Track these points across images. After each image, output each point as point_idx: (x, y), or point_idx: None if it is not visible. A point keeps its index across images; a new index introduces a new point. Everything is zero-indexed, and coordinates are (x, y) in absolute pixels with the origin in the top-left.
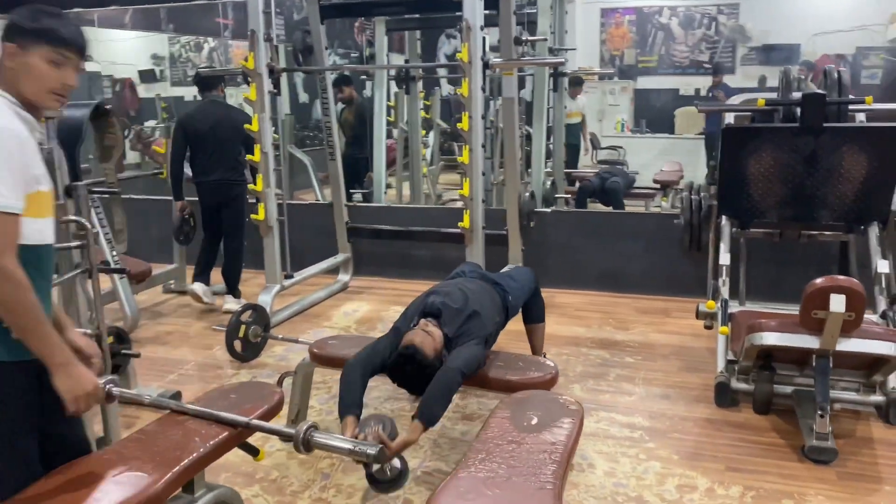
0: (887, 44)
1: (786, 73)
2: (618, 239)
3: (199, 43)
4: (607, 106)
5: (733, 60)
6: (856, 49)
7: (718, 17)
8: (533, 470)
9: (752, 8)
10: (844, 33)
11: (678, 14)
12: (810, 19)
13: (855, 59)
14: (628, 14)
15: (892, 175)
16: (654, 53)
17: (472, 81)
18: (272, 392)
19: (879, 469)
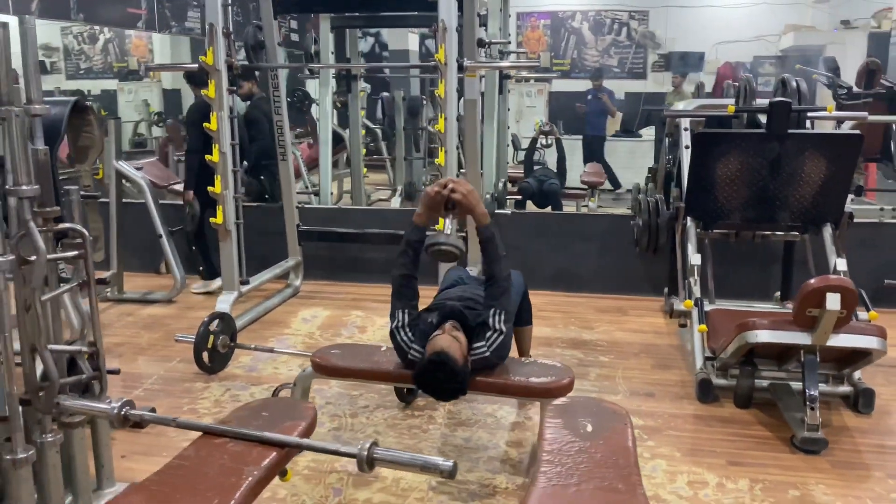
0: (779, 53)
1: (748, 81)
2: (572, 240)
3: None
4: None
5: (644, 66)
6: (753, 58)
7: (630, 22)
8: (615, 478)
9: (662, 15)
10: (744, 43)
11: (589, 19)
12: (713, 29)
13: (753, 67)
14: (543, 18)
15: (847, 179)
16: (568, 57)
17: (447, 83)
18: (305, 408)
19: (864, 456)
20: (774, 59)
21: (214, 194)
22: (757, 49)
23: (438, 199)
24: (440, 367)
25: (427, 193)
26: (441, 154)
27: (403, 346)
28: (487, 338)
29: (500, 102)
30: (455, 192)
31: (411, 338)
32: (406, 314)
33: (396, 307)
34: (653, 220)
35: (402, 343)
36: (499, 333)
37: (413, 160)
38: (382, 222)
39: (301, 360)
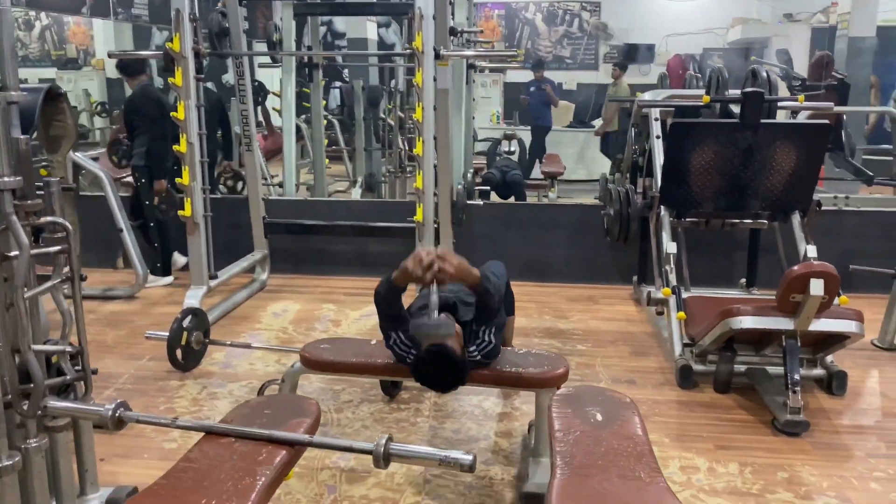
0: (727, 45)
1: (719, 72)
2: (542, 230)
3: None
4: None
5: (596, 57)
6: (703, 50)
7: (582, 13)
8: (633, 466)
9: (613, 7)
10: (693, 35)
11: (542, 10)
12: (664, 21)
13: (702, 59)
14: (497, 9)
15: (816, 167)
16: (522, 47)
17: (425, 71)
18: (308, 404)
19: (843, 437)
20: (722, 52)
21: (182, 186)
22: (706, 41)
23: (416, 279)
24: (439, 357)
25: (409, 271)
26: (419, 144)
27: (402, 354)
28: (478, 344)
29: (466, 93)
30: (442, 273)
31: (409, 345)
32: (402, 333)
33: (389, 329)
34: (624, 209)
35: (401, 352)
36: (488, 343)
37: (373, 151)
38: (350, 214)
39: (278, 356)
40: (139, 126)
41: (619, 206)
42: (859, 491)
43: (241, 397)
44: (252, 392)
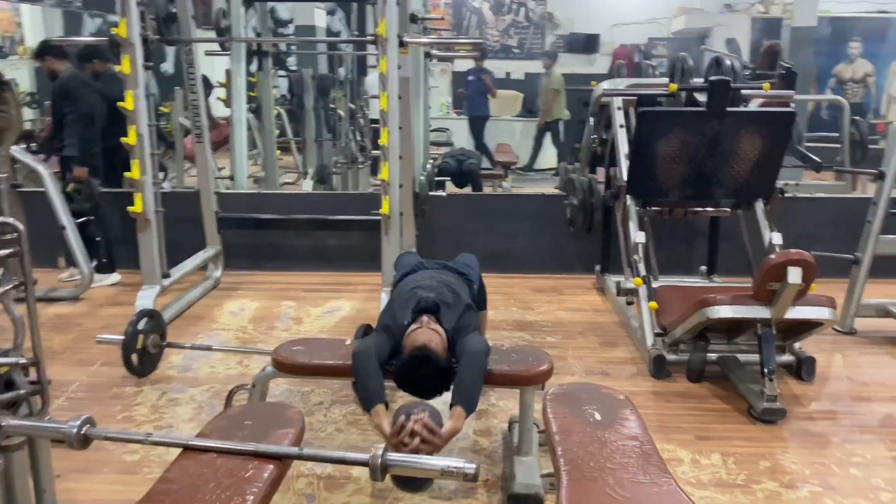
0: (671, 35)
1: (682, 60)
2: (504, 220)
3: None
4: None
5: (543, 47)
6: (647, 39)
7: (528, 3)
8: (641, 467)
9: None
10: (638, 25)
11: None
12: (609, 10)
13: (647, 49)
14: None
15: (780, 155)
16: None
17: (389, 58)
18: (291, 412)
19: (818, 423)
20: (667, 41)
21: (132, 180)
22: (650, 31)
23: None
24: (423, 362)
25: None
26: (384, 134)
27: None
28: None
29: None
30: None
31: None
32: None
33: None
34: (587, 199)
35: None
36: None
37: (323, 142)
38: (307, 207)
39: (239, 357)
40: (69, 114)
41: (583, 195)
42: (840, 477)
43: (204, 402)
44: (215, 396)
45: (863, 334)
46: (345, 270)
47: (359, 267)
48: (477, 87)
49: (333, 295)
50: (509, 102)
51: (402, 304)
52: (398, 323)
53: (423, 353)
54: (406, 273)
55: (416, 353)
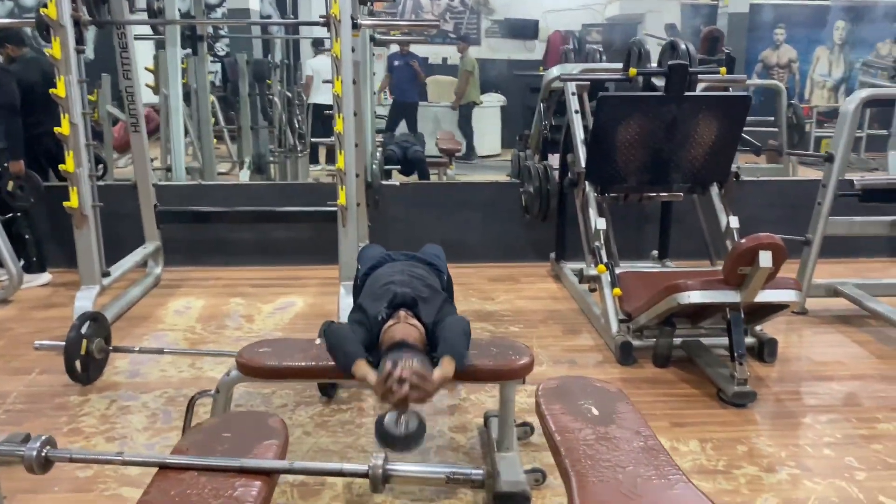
0: (605, 21)
1: (638, 44)
2: (457, 209)
3: None
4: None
5: (478, 32)
6: (581, 26)
7: None
8: (649, 464)
9: None
10: (572, 11)
11: None
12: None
13: (581, 35)
14: None
15: (735, 139)
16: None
17: (343, 41)
18: (273, 421)
19: (786, 404)
20: (601, 27)
21: (67, 173)
22: (584, 17)
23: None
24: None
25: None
26: (339, 121)
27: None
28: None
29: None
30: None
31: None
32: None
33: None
34: (543, 186)
35: None
36: None
37: (259, 130)
38: (251, 199)
39: (191, 359)
40: None
41: (539, 182)
42: (816, 458)
43: (159, 410)
44: (170, 403)
45: (814, 314)
46: (292, 264)
47: (307, 260)
48: (404, 72)
49: (283, 290)
50: (447, 88)
51: (374, 298)
52: (373, 319)
53: (404, 346)
54: (373, 266)
55: (398, 346)
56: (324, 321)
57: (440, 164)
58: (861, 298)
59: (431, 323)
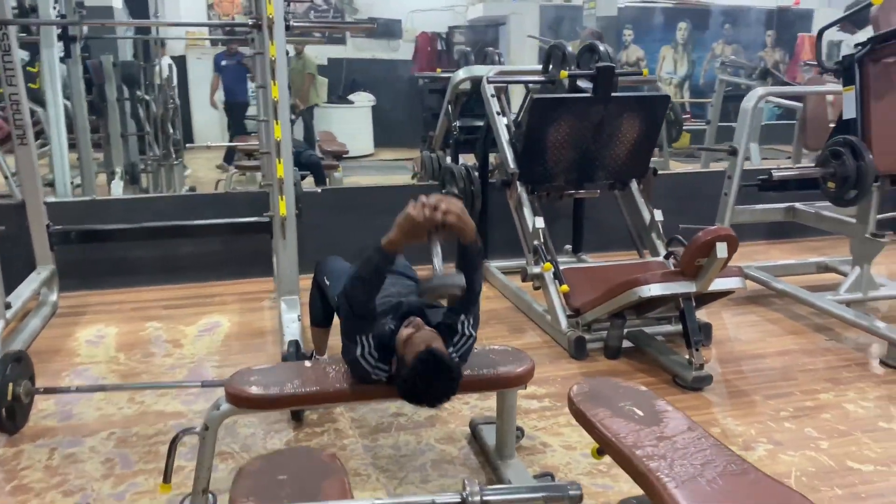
0: (467, 23)
1: (561, 46)
2: (376, 214)
3: None
4: None
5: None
6: (448, 28)
7: None
8: (719, 458)
9: None
10: (437, 12)
11: None
12: None
13: (448, 36)
14: None
15: (655, 137)
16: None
17: (278, 43)
18: (325, 457)
19: (736, 383)
20: (465, 29)
21: None
22: (448, 18)
23: (425, 225)
24: (435, 366)
25: (411, 218)
26: (277, 128)
27: (368, 369)
28: (455, 342)
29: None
30: (449, 214)
31: (376, 357)
32: (372, 339)
33: (360, 332)
34: (468, 187)
35: (368, 367)
36: (468, 338)
37: (129, 137)
38: (156, 214)
39: (129, 394)
40: None
41: (464, 184)
42: (781, 432)
43: (112, 454)
44: (124, 445)
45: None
46: (201, 281)
47: (217, 276)
48: (235, 71)
49: (201, 310)
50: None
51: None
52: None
53: (433, 354)
54: None
55: (425, 356)
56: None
57: (330, 168)
58: (768, 280)
59: (439, 324)
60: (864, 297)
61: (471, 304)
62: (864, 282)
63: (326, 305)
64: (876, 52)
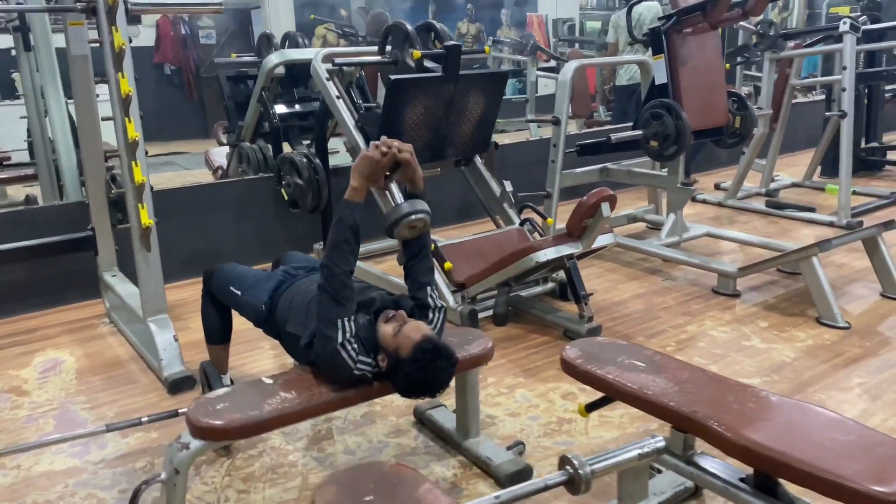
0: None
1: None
2: (206, 214)
3: None
4: None
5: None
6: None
7: None
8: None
9: None
10: None
11: None
12: None
13: (191, 20)
14: None
15: (496, 112)
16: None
17: (122, 29)
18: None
19: (618, 329)
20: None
21: None
22: None
23: (385, 162)
24: (436, 353)
25: (368, 159)
26: (129, 127)
27: (349, 363)
28: (431, 320)
29: None
30: (404, 152)
31: (357, 350)
32: (352, 323)
33: (341, 315)
34: (313, 177)
35: (349, 359)
36: (440, 310)
37: None
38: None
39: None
40: None
41: (309, 174)
42: None
43: None
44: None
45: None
46: (9, 315)
47: (29, 307)
48: None
49: (29, 348)
50: None
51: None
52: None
53: (432, 342)
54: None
55: (425, 344)
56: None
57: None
58: None
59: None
60: (681, 239)
61: (428, 269)
62: (679, 227)
63: (225, 320)
64: (680, 24)
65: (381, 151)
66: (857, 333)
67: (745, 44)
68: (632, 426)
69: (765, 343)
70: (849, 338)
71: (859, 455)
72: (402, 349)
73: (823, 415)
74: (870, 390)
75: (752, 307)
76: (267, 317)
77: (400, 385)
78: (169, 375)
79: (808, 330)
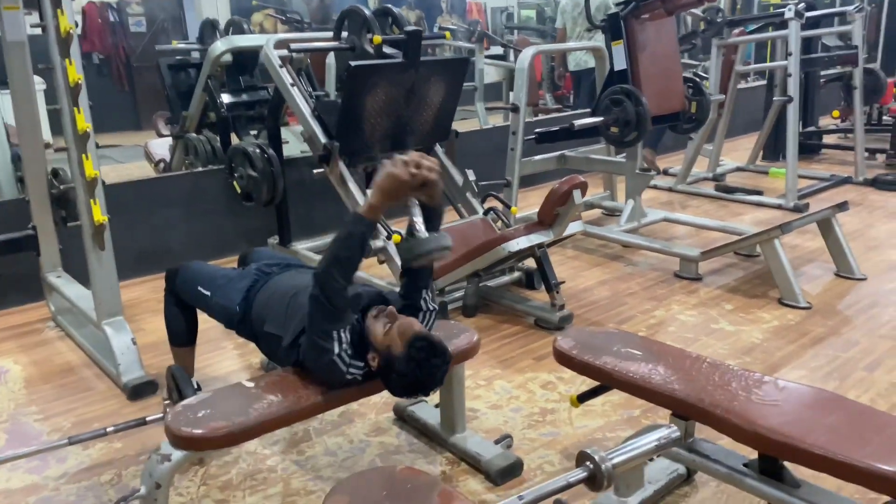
0: None
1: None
2: (152, 210)
3: None
4: None
5: None
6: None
7: None
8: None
9: None
10: None
11: None
12: None
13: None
14: None
15: (456, 99)
16: None
17: (69, 15)
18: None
19: (588, 316)
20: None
21: None
22: None
23: (413, 184)
24: (431, 350)
25: (395, 178)
26: (79, 118)
27: (342, 369)
28: (423, 321)
29: None
30: (432, 171)
31: (351, 354)
32: (347, 333)
33: (337, 327)
34: (267, 169)
35: (342, 366)
36: (432, 312)
37: None
38: None
39: None
40: None
41: (263, 165)
42: None
43: None
44: None
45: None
46: None
47: None
48: None
49: None
50: None
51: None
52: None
53: (427, 339)
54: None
55: (419, 342)
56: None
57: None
58: None
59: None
60: (639, 224)
61: (428, 275)
62: (637, 212)
63: (191, 321)
64: (638, 10)
65: (407, 172)
66: (818, 313)
67: (694, 30)
68: (615, 414)
69: (733, 325)
70: (811, 318)
71: (868, 436)
72: (395, 347)
73: (827, 397)
74: (839, 369)
75: (715, 290)
76: (242, 318)
77: (393, 385)
78: (129, 381)
79: (771, 311)
